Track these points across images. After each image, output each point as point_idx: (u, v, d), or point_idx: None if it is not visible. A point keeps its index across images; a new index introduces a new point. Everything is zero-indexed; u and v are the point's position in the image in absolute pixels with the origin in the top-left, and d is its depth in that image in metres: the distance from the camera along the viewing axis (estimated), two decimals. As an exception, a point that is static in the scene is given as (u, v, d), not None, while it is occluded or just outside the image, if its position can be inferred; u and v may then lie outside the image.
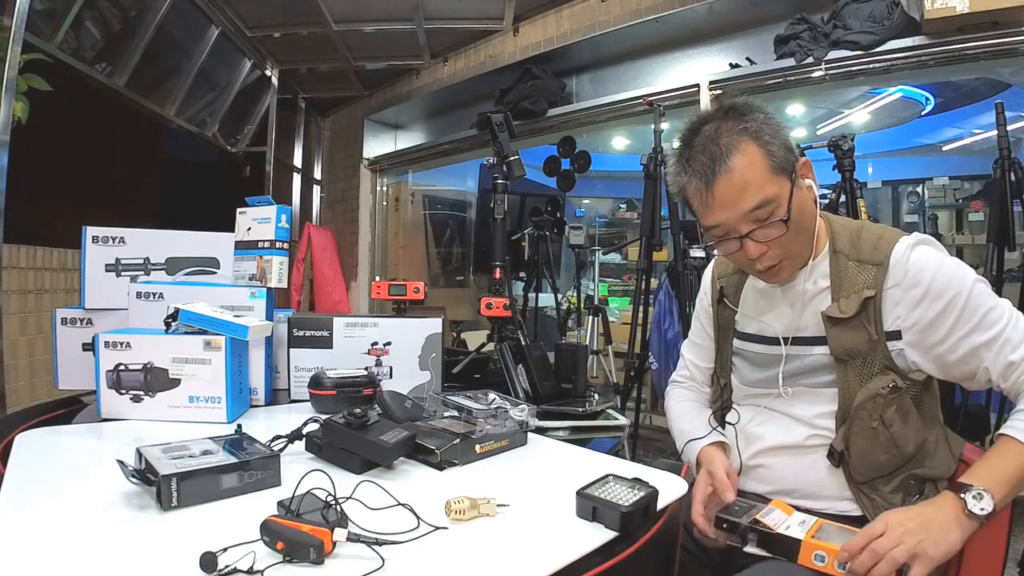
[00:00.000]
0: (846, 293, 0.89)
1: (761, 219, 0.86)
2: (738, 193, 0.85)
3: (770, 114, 0.89)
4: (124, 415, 1.06)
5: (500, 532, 0.66)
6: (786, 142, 0.87)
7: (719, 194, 0.85)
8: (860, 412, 0.87)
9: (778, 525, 0.83)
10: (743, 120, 0.87)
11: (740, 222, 0.86)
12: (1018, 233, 2.17)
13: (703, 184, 0.86)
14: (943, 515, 0.76)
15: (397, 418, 0.97)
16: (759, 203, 0.85)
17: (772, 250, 0.88)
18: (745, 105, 0.89)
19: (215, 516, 0.67)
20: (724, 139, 0.86)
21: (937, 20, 2.13)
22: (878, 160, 4.59)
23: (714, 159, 0.85)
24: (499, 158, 1.51)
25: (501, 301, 1.41)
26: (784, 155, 0.86)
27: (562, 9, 3.56)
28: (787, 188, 0.86)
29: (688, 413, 1.11)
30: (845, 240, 0.93)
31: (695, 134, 0.89)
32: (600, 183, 5.53)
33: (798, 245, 0.90)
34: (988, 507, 0.75)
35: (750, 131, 0.86)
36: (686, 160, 0.89)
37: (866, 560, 0.73)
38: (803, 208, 0.89)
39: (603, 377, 3.19)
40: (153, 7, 3.18)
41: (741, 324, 1.04)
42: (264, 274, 1.27)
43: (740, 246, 0.88)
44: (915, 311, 0.86)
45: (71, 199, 3.21)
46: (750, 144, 0.85)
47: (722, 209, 0.86)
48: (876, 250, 0.89)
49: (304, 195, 5.22)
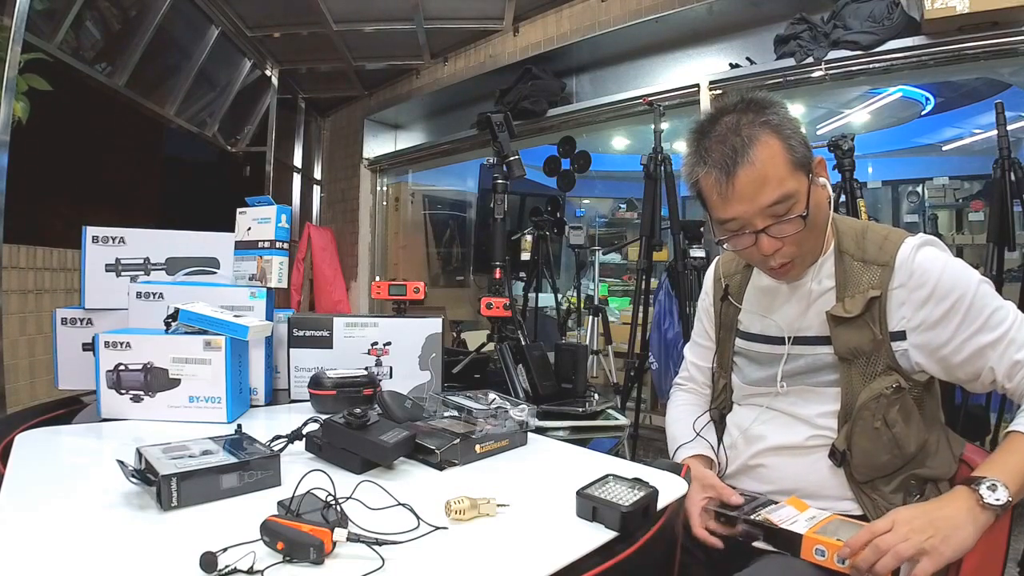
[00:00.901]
0: (851, 293, 0.89)
1: (779, 214, 0.85)
2: (759, 186, 0.83)
3: (788, 109, 0.88)
4: (124, 415, 1.06)
5: (500, 532, 0.66)
6: (804, 139, 0.86)
7: (739, 186, 0.84)
8: (863, 412, 0.87)
9: (784, 521, 0.84)
10: (764, 113, 0.86)
11: (757, 216, 0.85)
12: (1018, 233, 2.17)
13: (723, 175, 0.84)
14: (954, 510, 0.75)
15: (397, 418, 0.97)
16: (779, 198, 0.84)
17: (786, 247, 0.87)
18: (766, 99, 0.88)
19: (215, 516, 0.67)
20: (746, 131, 0.84)
21: (937, 20, 2.13)
22: (878, 160, 4.58)
23: (736, 150, 0.83)
24: (499, 158, 1.51)
25: (501, 301, 1.41)
26: (804, 151, 0.85)
27: (562, 9, 3.56)
28: (805, 184, 0.85)
29: (681, 419, 1.12)
30: (850, 240, 0.93)
31: (714, 124, 0.88)
32: (600, 183, 5.53)
33: (811, 243, 0.90)
34: (1004, 497, 0.74)
35: (772, 124, 0.85)
36: (704, 150, 0.87)
37: (869, 556, 0.72)
38: (819, 206, 0.88)
39: (603, 377, 3.19)
40: (153, 7, 3.18)
41: (744, 323, 1.04)
42: (264, 274, 1.27)
43: (754, 241, 0.87)
44: (920, 312, 0.86)
45: (71, 199, 3.21)
46: (772, 137, 0.84)
47: (740, 202, 0.85)
48: (881, 251, 0.89)
49: (304, 195, 5.22)
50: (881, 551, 0.72)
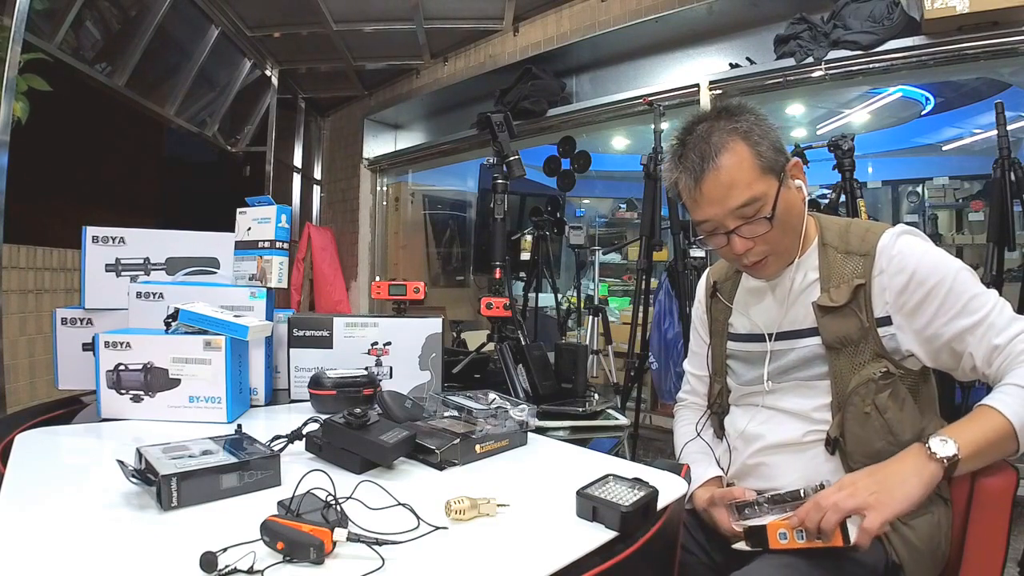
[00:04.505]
0: (835, 283, 0.92)
1: (747, 216, 0.89)
2: (725, 190, 0.89)
3: (762, 116, 0.93)
4: (124, 415, 1.06)
5: (500, 532, 0.66)
6: (776, 143, 0.91)
7: (707, 191, 0.90)
8: (853, 398, 0.89)
9: (759, 519, 0.85)
10: (734, 120, 0.91)
11: (727, 218, 0.90)
12: (1018, 233, 2.18)
13: (692, 180, 0.90)
14: (900, 466, 0.78)
15: (397, 418, 0.97)
16: (745, 201, 0.88)
17: (758, 246, 0.92)
18: (738, 106, 0.93)
19: (215, 516, 0.67)
20: (715, 138, 0.89)
21: (937, 20, 2.13)
22: (878, 160, 4.59)
23: (704, 157, 0.89)
24: (499, 158, 1.51)
25: (501, 301, 1.41)
26: (773, 155, 0.90)
27: (562, 9, 3.56)
28: (774, 187, 0.90)
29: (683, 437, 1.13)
30: (834, 234, 0.96)
31: (689, 132, 0.93)
32: (600, 183, 5.53)
33: (784, 242, 0.93)
34: (952, 451, 0.76)
35: (740, 131, 0.89)
36: (679, 157, 0.93)
37: (813, 515, 0.76)
38: (790, 207, 0.92)
39: (603, 377, 3.19)
40: (153, 7, 3.18)
41: (734, 326, 1.06)
42: (264, 274, 1.27)
43: (727, 241, 0.92)
44: (900, 297, 0.88)
45: (71, 199, 3.21)
46: (739, 143, 0.89)
47: (710, 205, 0.90)
48: (864, 241, 0.93)
49: (304, 195, 5.22)
50: (822, 508, 0.75)
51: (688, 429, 1.13)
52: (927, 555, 0.87)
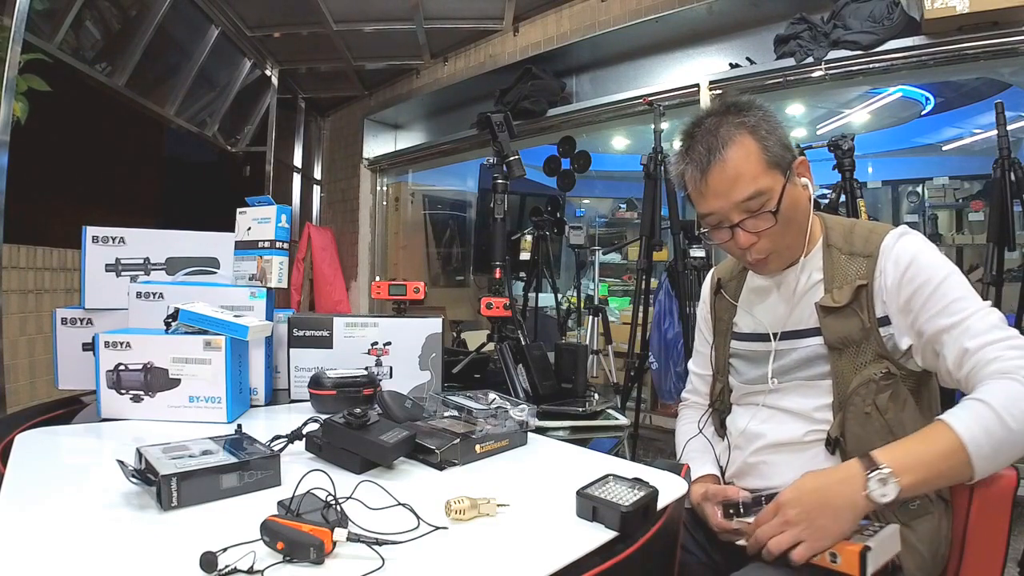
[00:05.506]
0: (839, 284, 0.93)
1: (752, 210, 0.90)
2: (731, 183, 0.89)
3: (770, 112, 0.93)
4: (124, 415, 1.06)
5: (500, 532, 0.66)
6: (783, 139, 0.92)
7: (713, 183, 0.90)
8: (854, 398, 0.89)
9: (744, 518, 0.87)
10: (743, 115, 0.91)
11: (732, 211, 0.91)
12: (1018, 233, 2.18)
13: (698, 172, 0.91)
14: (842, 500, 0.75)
15: (397, 418, 0.97)
16: (751, 194, 0.89)
17: (762, 242, 0.92)
18: (746, 102, 0.94)
19: (215, 516, 0.67)
20: (723, 131, 0.90)
21: (937, 20, 2.13)
22: (878, 160, 4.58)
23: (711, 149, 0.90)
24: (499, 158, 1.51)
25: (501, 301, 1.41)
26: (780, 151, 0.90)
27: (562, 9, 3.56)
28: (780, 182, 0.90)
29: (684, 435, 1.14)
30: (839, 235, 0.97)
31: (698, 126, 0.94)
32: (600, 183, 5.53)
33: (788, 239, 0.94)
34: (891, 494, 0.73)
35: (748, 125, 0.90)
36: (686, 149, 0.94)
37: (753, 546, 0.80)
38: (795, 204, 0.92)
39: (603, 377, 3.18)
40: (153, 7, 3.18)
41: (738, 325, 1.07)
42: (264, 274, 1.27)
43: (732, 235, 0.93)
44: (893, 293, 0.89)
45: (71, 199, 3.21)
46: (746, 137, 0.89)
47: (715, 197, 0.91)
48: (867, 243, 0.93)
49: (304, 195, 5.22)
50: (760, 543, 0.78)
51: (690, 427, 1.13)
52: (927, 556, 0.87)
